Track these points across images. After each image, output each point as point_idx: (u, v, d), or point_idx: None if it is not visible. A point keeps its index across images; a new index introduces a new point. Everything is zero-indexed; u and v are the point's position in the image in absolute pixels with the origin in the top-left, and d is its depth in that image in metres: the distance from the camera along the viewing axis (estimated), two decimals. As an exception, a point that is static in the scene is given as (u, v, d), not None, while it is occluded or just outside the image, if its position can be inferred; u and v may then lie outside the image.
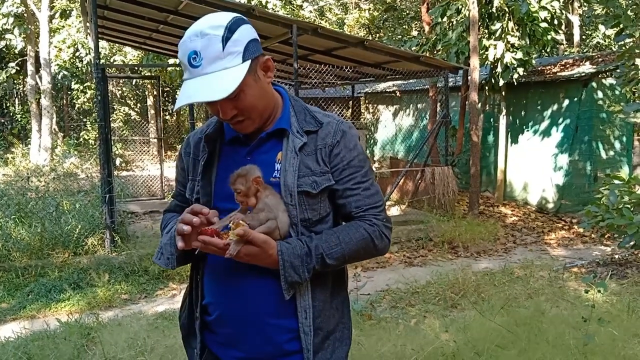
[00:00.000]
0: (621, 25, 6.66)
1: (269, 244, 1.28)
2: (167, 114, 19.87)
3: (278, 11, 11.57)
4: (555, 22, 8.75)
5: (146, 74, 13.65)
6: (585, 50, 16.39)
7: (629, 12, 6.64)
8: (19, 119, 18.62)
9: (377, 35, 18.70)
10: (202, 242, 1.25)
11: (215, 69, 1.26)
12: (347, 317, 1.49)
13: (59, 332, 4.09)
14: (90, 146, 16.14)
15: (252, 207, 1.32)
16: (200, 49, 1.25)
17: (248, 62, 1.28)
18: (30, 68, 15.72)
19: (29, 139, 16.19)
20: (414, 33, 15.46)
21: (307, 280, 1.33)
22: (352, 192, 1.40)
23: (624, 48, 7.34)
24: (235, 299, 1.37)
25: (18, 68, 17.49)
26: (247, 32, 1.30)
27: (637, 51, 6.57)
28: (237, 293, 1.36)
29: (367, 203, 1.40)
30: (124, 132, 16.45)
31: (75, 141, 16.41)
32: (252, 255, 1.28)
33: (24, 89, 17.90)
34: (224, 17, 1.28)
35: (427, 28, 10.18)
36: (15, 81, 18.77)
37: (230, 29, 1.26)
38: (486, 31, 8.69)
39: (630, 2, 7.79)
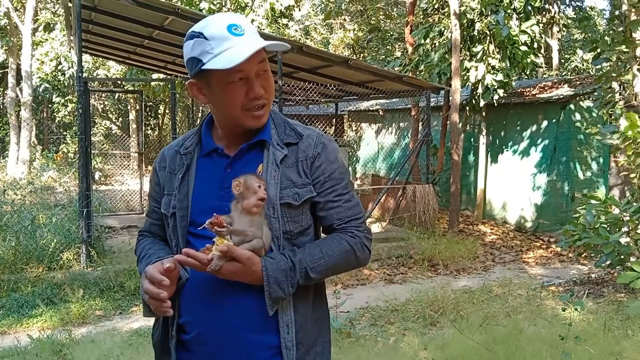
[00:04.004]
0: (598, 50, 6.86)
1: (252, 260, 1.26)
2: (149, 128, 19.71)
3: (264, 29, 11.65)
4: (535, 45, 8.96)
5: (129, 88, 13.55)
6: (563, 74, 16.79)
7: (605, 37, 6.84)
8: (-3, 131, 18.31)
9: (361, 55, 18.90)
10: (185, 255, 1.22)
11: (257, 38, 1.33)
12: (326, 331, 1.47)
13: (30, 348, 3.98)
14: (70, 159, 15.90)
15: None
16: (240, 23, 1.31)
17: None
18: (11, 80, 15.51)
19: (6, 152, 15.89)
20: (398, 54, 15.68)
21: (290, 295, 1.32)
22: (333, 205, 1.40)
23: (601, 71, 7.55)
24: (215, 316, 1.32)
25: (-2, 80, 17.28)
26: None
27: (613, 74, 6.75)
28: (217, 310, 1.33)
29: (349, 215, 1.41)
30: (105, 145, 16.26)
31: (55, 154, 16.14)
32: (235, 272, 1.25)
33: (4, 101, 17.64)
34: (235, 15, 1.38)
35: (410, 49, 10.34)
36: (-6, 93, 18.50)
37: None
38: (468, 53, 8.87)
39: (607, 27, 8.03)
